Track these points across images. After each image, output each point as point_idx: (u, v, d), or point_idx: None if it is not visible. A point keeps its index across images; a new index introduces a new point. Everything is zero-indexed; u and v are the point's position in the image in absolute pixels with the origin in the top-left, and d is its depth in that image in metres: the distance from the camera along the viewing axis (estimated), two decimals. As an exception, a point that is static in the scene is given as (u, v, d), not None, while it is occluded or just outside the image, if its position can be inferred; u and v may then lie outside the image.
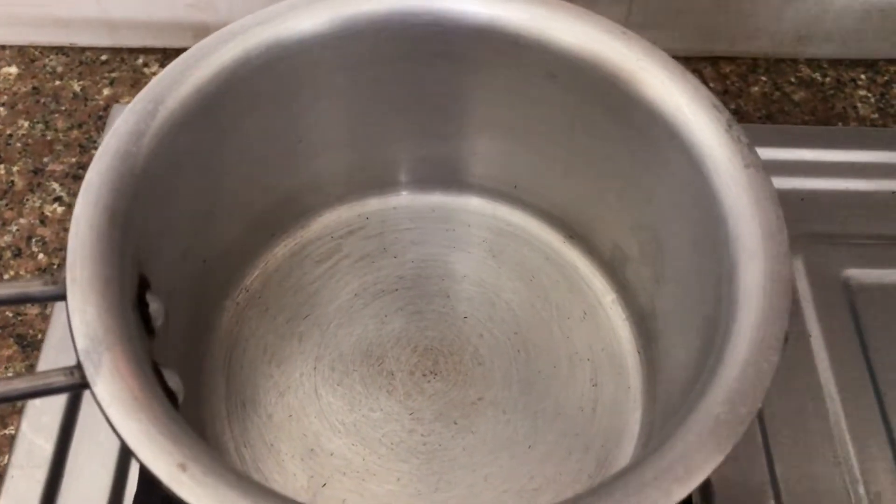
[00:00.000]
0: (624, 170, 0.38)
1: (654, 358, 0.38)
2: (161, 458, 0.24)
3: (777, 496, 0.39)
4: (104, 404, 0.25)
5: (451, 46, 0.37)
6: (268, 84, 0.36)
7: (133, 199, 0.30)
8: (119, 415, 0.25)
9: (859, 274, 0.46)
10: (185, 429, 0.26)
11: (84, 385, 0.26)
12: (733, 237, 0.30)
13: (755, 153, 0.32)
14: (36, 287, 0.28)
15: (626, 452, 0.37)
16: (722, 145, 0.32)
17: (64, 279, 0.28)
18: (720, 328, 0.29)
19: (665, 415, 0.33)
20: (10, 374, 0.43)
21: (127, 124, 0.31)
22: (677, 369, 0.34)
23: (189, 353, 0.37)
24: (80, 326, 0.26)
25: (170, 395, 0.29)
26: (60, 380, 0.26)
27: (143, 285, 0.30)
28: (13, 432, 0.40)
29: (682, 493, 0.24)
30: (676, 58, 0.35)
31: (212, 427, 0.37)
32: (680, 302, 0.36)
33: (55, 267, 0.46)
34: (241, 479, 0.25)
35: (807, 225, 0.47)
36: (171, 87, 0.32)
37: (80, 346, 0.26)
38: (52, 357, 0.41)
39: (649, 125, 0.34)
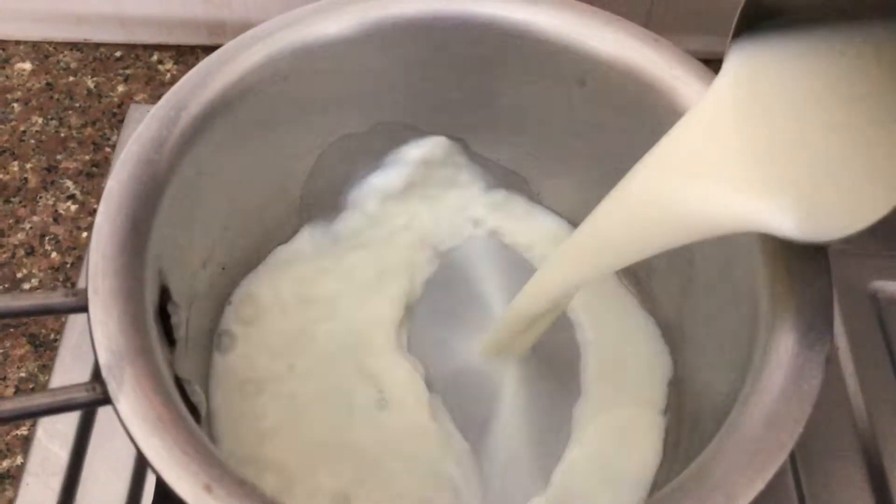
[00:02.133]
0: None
1: (680, 374, 0.38)
2: (186, 479, 0.24)
3: (803, 511, 0.38)
4: (127, 422, 0.25)
5: (478, 50, 0.37)
6: (292, 89, 0.35)
7: (155, 208, 0.29)
8: (143, 433, 0.24)
9: (887, 286, 0.45)
10: (210, 447, 0.25)
11: (106, 401, 0.25)
12: (769, 253, 0.29)
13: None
14: (57, 299, 0.27)
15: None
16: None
17: (84, 291, 0.27)
18: (757, 346, 0.28)
19: (694, 435, 0.33)
20: (30, 387, 0.42)
21: (149, 131, 0.30)
22: (706, 386, 0.33)
23: (207, 362, 0.36)
24: (103, 340, 0.26)
25: (192, 409, 0.28)
26: (82, 395, 0.25)
27: (164, 296, 0.30)
28: (26, 433, 0.40)
29: (723, 522, 0.24)
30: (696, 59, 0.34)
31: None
32: (710, 316, 0.35)
33: (68, 266, 0.46)
34: (268, 501, 0.24)
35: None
36: (193, 93, 0.31)
37: (102, 360, 0.25)
38: (69, 363, 0.41)
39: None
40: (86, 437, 0.39)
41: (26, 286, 0.45)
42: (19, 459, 0.39)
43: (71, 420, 0.39)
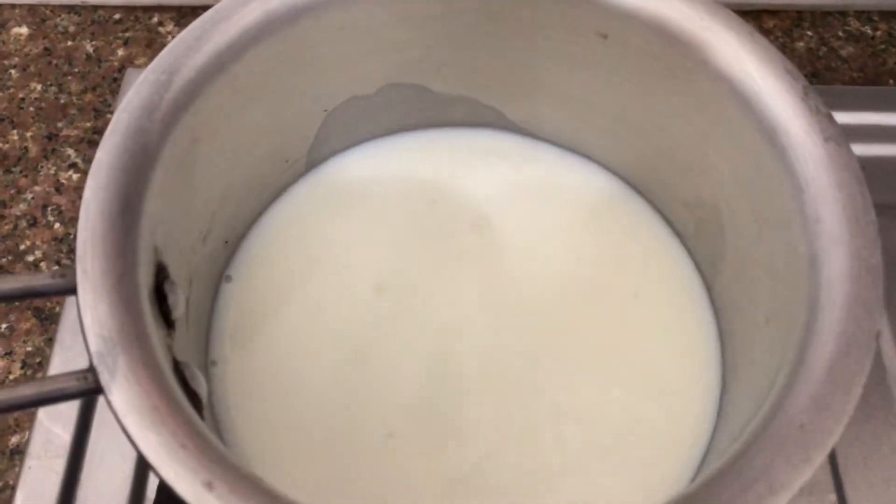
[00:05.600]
0: (680, 140, 0.34)
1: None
2: (185, 476, 0.22)
3: (839, 488, 0.36)
4: (121, 414, 0.23)
5: (488, 4, 0.34)
6: (291, 50, 0.33)
7: (148, 180, 0.27)
8: (137, 426, 0.23)
9: (928, 252, 0.43)
10: (211, 440, 0.23)
11: (98, 391, 0.23)
12: (812, 220, 0.27)
13: (836, 125, 0.28)
14: (43, 281, 0.25)
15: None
16: (798, 116, 0.29)
17: (73, 270, 0.25)
18: (796, 323, 0.26)
19: (728, 420, 0.31)
20: (28, 347, 0.42)
21: (139, 97, 0.28)
22: (739, 364, 0.31)
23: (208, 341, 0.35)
24: (93, 326, 0.24)
25: (192, 396, 0.27)
26: (72, 385, 0.24)
27: (160, 274, 0.28)
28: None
29: (766, 515, 0.22)
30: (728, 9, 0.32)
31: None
32: (743, 289, 0.33)
33: (72, 237, 0.45)
34: (274, 498, 0.22)
35: (868, 196, 0.44)
36: (185, 56, 0.29)
37: (93, 348, 0.24)
38: (69, 341, 0.39)
39: (713, 93, 0.31)
40: (89, 419, 0.38)
41: (29, 258, 0.44)
42: (28, 435, 0.38)
43: (73, 401, 0.38)
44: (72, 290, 0.25)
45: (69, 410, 0.38)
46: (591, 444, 0.33)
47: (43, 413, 0.38)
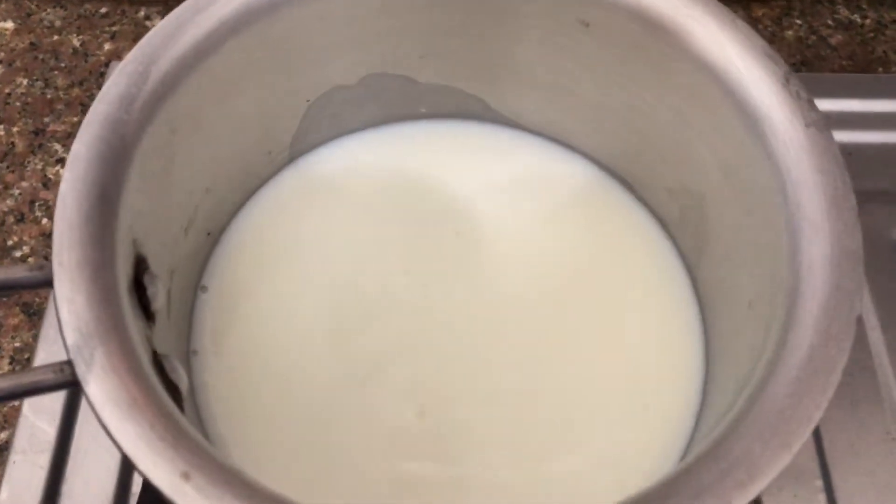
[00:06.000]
0: (664, 128, 0.34)
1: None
2: (162, 466, 0.22)
3: (826, 474, 0.36)
4: (97, 406, 0.23)
5: (469, -7, 0.34)
6: (271, 40, 0.32)
7: (126, 172, 0.27)
8: (114, 417, 0.23)
9: (913, 234, 0.43)
10: (189, 431, 0.23)
11: (75, 383, 0.23)
12: (793, 206, 0.27)
13: (817, 111, 0.28)
14: (20, 273, 0.25)
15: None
16: (780, 102, 0.28)
17: (50, 264, 0.25)
18: (777, 309, 0.26)
19: (712, 404, 0.31)
20: (16, 343, 0.42)
21: (117, 88, 0.28)
22: (723, 350, 0.31)
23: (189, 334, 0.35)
24: (70, 318, 0.24)
25: (172, 388, 0.27)
26: (49, 378, 0.24)
27: (140, 266, 0.28)
28: (17, 404, 0.39)
29: (744, 501, 0.22)
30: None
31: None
32: (726, 276, 0.33)
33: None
34: (252, 489, 0.22)
35: (853, 182, 0.44)
36: (163, 46, 0.29)
37: (69, 340, 0.23)
38: (53, 335, 0.39)
39: (695, 80, 0.31)
40: (73, 413, 0.37)
41: (17, 254, 0.44)
42: (12, 431, 0.38)
43: (58, 395, 0.38)
44: (49, 283, 0.25)
45: (54, 405, 0.37)
46: (578, 430, 0.33)
47: (28, 408, 0.38)
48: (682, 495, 0.22)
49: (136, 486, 0.36)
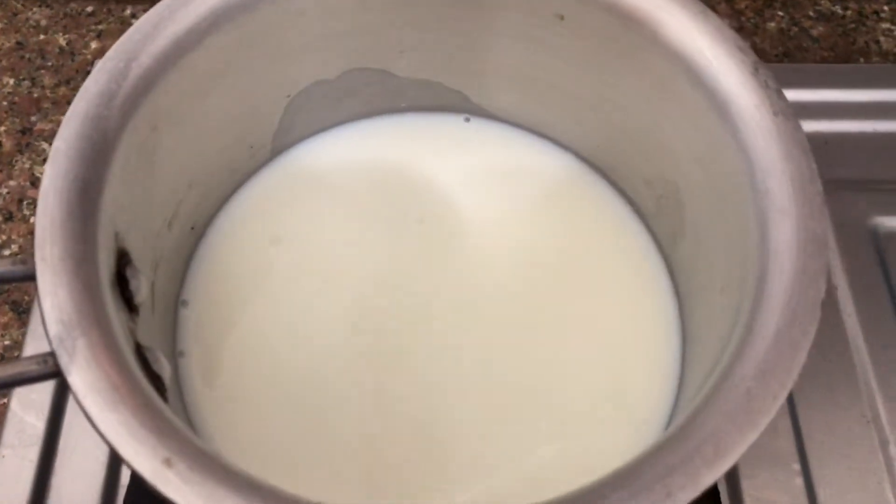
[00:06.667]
0: (639, 119, 0.35)
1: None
2: (144, 453, 0.22)
3: (803, 457, 0.37)
4: (80, 395, 0.23)
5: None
6: (251, 35, 0.33)
7: (107, 168, 0.28)
8: (97, 406, 0.23)
9: (888, 221, 0.43)
10: (171, 419, 0.24)
11: (58, 374, 0.24)
12: (761, 192, 0.28)
13: (785, 99, 0.29)
14: (2, 267, 0.25)
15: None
16: (748, 91, 0.29)
17: (33, 258, 0.25)
18: (747, 292, 0.27)
19: (686, 388, 0.31)
20: (5, 341, 0.42)
21: (97, 84, 0.28)
22: (697, 336, 0.32)
23: (174, 327, 0.35)
24: (52, 311, 0.24)
25: (155, 379, 0.27)
26: (32, 369, 0.24)
27: (122, 260, 0.28)
28: (5, 401, 0.39)
29: (712, 478, 0.22)
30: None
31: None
32: (700, 262, 0.33)
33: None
34: (233, 474, 0.23)
35: (831, 170, 0.44)
36: (144, 42, 0.29)
37: (52, 332, 0.24)
38: (41, 331, 0.39)
39: (668, 71, 0.31)
40: (62, 407, 0.38)
41: (6, 252, 0.45)
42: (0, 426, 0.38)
43: (46, 389, 0.38)
44: (32, 277, 0.25)
45: (42, 399, 0.38)
46: (556, 416, 0.34)
47: (16, 403, 0.38)
48: (652, 473, 0.23)
49: (125, 479, 0.36)
